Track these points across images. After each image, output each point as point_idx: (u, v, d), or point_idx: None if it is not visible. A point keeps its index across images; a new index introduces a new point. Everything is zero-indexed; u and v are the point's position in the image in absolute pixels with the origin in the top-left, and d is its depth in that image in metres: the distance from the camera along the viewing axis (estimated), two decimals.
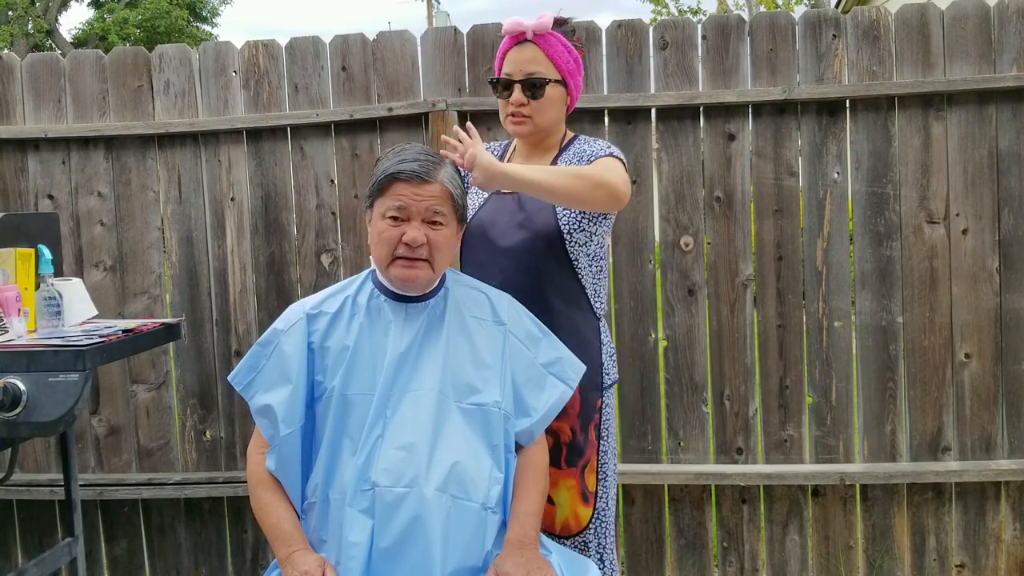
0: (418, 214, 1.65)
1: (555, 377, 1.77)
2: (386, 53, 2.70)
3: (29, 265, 2.16)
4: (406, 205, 1.64)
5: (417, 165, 1.66)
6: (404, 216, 1.65)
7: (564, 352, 1.80)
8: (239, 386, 1.72)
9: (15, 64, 2.79)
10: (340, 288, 1.77)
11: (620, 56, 2.64)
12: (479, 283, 1.82)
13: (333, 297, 1.74)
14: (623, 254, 2.67)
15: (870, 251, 2.61)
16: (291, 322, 1.71)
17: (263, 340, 1.73)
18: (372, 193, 1.70)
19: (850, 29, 2.58)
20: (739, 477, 2.62)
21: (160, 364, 2.81)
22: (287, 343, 1.69)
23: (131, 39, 18.40)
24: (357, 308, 1.71)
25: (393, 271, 1.67)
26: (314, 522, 1.66)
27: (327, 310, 1.71)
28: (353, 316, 1.70)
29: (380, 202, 1.68)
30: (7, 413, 1.79)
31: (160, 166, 2.78)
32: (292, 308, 1.76)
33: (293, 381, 1.66)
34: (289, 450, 1.66)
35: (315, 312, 1.71)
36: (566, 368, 1.79)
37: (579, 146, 1.98)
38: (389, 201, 1.66)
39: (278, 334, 1.71)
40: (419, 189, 1.65)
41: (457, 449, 1.62)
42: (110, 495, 2.79)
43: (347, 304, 1.72)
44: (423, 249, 1.64)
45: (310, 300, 1.75)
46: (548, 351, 1.78)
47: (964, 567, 2.65)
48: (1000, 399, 2.60)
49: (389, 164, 1.68)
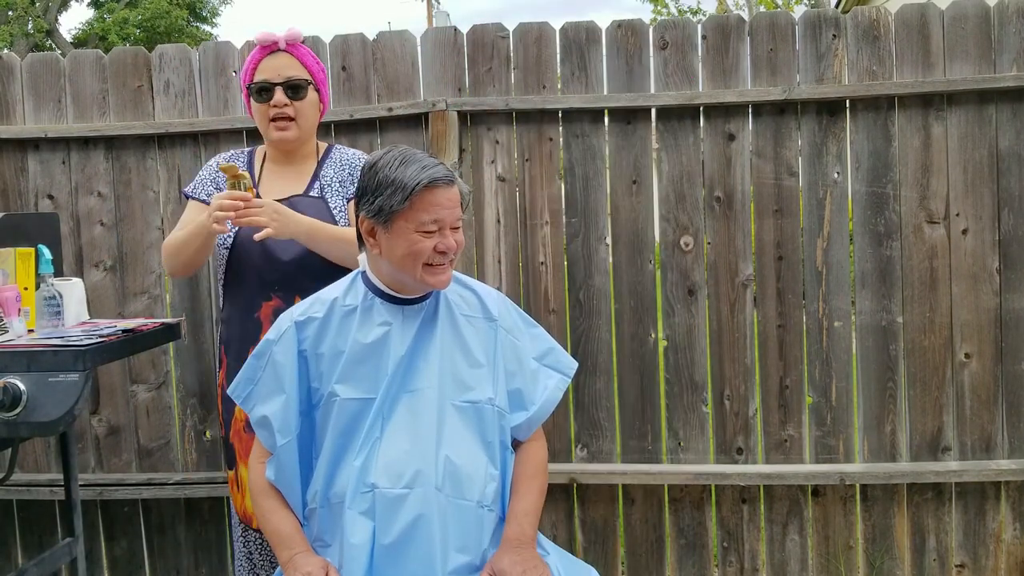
0: (449, 223, 1.63)
1: (549, 368, 1.77)
2: (386, 53, 2.70)
3: (29, 265, 2.16)
4: (441, 216, 1.61)
5: (442, 169, 1.62)
6: (440, 225, 1.62)
7: (554, 344, 1.81)
8: (238, 399, 1.71)
9: (15, 64, 2.79)
10: (327, 292, 1.75)
11: (620, 56, 2.64)
12: (469, 280, 1.82)
13: (320, 302, 1.72)
14: (623, 254, 2.67)
15: (870, 251, 2.61)
16: (281, 331, 1.69)
17: (257, 352, 1.72)
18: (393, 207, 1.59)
19: (850, 29, 2.58)
20: (739, 477, 2.62)
21: (160, 364, 2.81)
22: (279, 353, 1.67)
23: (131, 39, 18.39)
24: (349, 311, 1.69)
25: (428, 278, 1.64)
26: (316, 527, 1.66)
27: (315, 315, 1.69)
28: (344, 319, 1.68)
29: (409, 215, 1.59)
30: (7, 413, 1.79)
31: (160, 166, 2.78)
32: (281, 317, 1.74)
33: (286, 391, 1.65)
34: (287, 459, 1.65)
35: (303, 319, 1.69)
36: (559, 358, 1.80)
37: (338, 155, 2.15)
38: (426, 215, 1.59)
39: (270, 344, 1.69)
40: (450, 195, 1.62)
41: (452, 448, 1.62)
42: (110, 495, 2.79)
43: (336, 307, 1.70)
44: (451, 253, 1.65)
45: (297, 308, 1.73)
46: (539, 343, 1.79)
47: (964, 567, 2.65)
48: (1000, 399, 2.60)
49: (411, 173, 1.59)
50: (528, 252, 2.70)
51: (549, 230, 2.68)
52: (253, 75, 2.08)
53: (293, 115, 2.05)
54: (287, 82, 2.04)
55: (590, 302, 2.67)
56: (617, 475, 2.66)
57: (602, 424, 2.70)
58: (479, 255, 2.71)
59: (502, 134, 2.69)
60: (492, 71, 2.67)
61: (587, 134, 2.66)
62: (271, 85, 2.05)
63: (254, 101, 2.08)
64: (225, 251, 2.11)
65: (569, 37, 2.65)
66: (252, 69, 2.08)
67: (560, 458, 2.69)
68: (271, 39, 2.07)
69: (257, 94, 2.06)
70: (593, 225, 2.67)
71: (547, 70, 2.66)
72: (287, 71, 2.06)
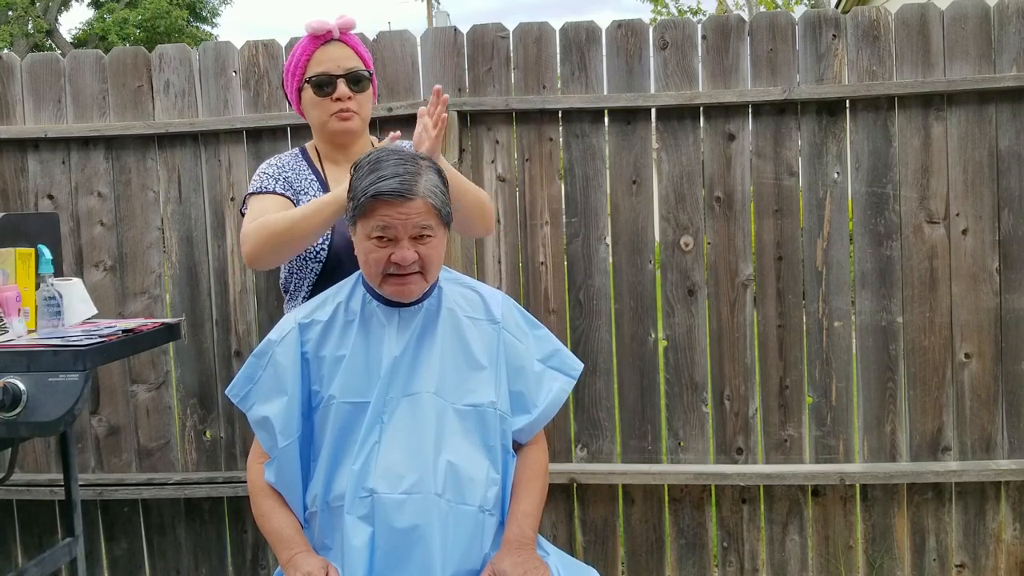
0: (404, 232, 1.58)
1: (554, 370, 1.75)
2: (386, 53, 2.70)
3: (29, 265, 2.16)
4: (391, 225, 1.57)
5: (396, 182, 1.56)
6: (391, 236, 1.58)
7: (560, 346, 1.79)
8: (236, 398, 1.70)
9: (15, 64, 2.79)
10: (331, 294, 1.74)
11: (620, 56, 2.64)
12: (472, 281, 1.81)
13: (324, 305, 1.72)
14: (623, 254, 2.67)
15: (870, 251, 2.61)
16: (284, 332, 1.69)
17: (258, 351, 1.71)
18: (353, 212, 1.61)
19: (850, 29, 2.58)
20: (739, 477, 2.62)
21: (160, 364, 2.81)
22: (281, 354, 1.67)
23: (131, 39, 18.39)
24: (351, 314, 1.69)
25: (386, 289, 1.63)
26: (317, 530, 1.66)
27: (319, 318, 1.69)
28: (347, 323, 1.68)
29: (363, 223, 1.59)
30: (7, 413, 1.79)
31: (160, 166, 2.77)
32: (285, 318, 1.74)
33: (288, 392, 1.65)
34: (288, 461, 1.65)
35: (307, 321, 1.69)
36: (564, 360, 1.77)
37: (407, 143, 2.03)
38: (373, 222, 1.57)
39: (272, 345, 1.69)
40: (403, 208, 1.56)
41: (454, 452, 1.61)
42: (110, 495, 2.78)
43: (340, 311, 1.70)
44: (415, 265, 1.61)
45: (302, 309, 1.73)
46: (544, 345, 1.77)
47: (964, 567, 2.65)
48: (1000, 399, 2.60)
49: (367, 183, 1.58)
50: (528, 252, 2.70)
51: (549, 230, 2.68)
52: (307, 67, 1.97)
53: (356, 108, 1.98)
54: (348, 73, 1.96)
55: (590, 302, 2.67)
56: (617, 475, 2.66)
57: (602, 424, 2.70)
58: (479, 255, 2.71)
59: (502, 134, 2.69)
60: (492, 71, 2.67)
61: (587, 134, 2.66)
62: (333, 77, 1.95)
63: (313, 95, 1.97)
64: (317, 265, 2.00)
65: (569, 37, 2.65)
66: (306, 61, 1.98)
67: (560, 458, 2.69)
68: (325, 27, 1.96)
69: (317, 87, 1.96)
70: (593, 225, 2.67)
71: (547, 70, 2.66)
72: (346, 62, 1.97)
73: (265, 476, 1.68)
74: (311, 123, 2.06)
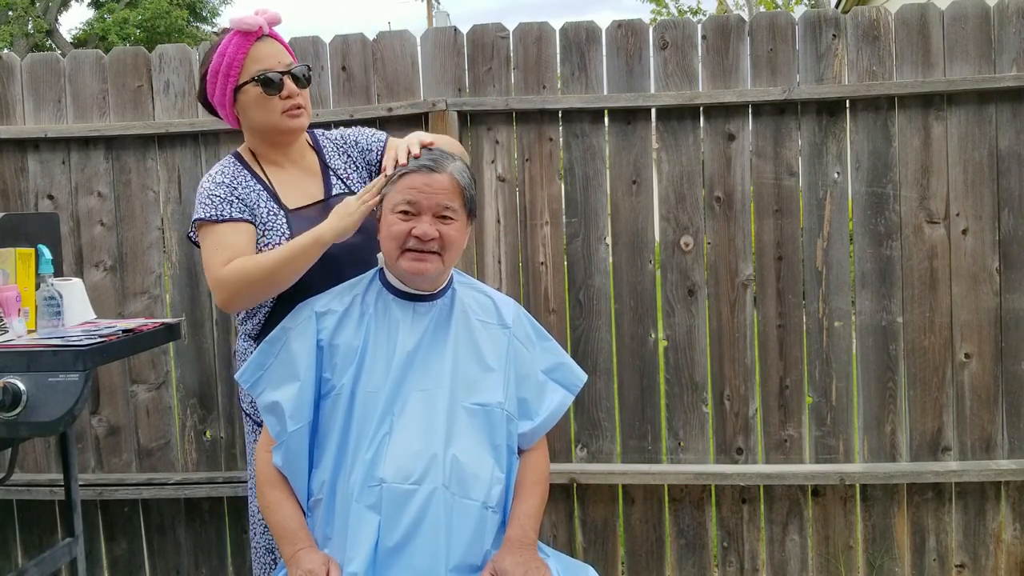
0: (429, 209, 1.65)
1: (556, 383, 1.79)
2: (386, 53, 2.70)
3: (29, 265, 2.16)
4: (416, 199, 1.64)
5: (427, 158, 1.66)
6: (415, 211, 1.65)
7: (565, 358, 1.82)
8: (247, 384, 1.73)
9: (15, 64, 2.79)
10: (349, 287, 1.77)
11: (620, 56, 2.64)
12: (485, 287, 1.84)
13: (342, 296, 1.75)
14: (623, 254, 2.67)
15: (870, 251, 2.61)
16: (300, 320, 1.72)
17: (271, 338, 1.74)
18: (385, 192, 1.69)
19: (850, 29, 2.58)
20: (739, 477, 2.62)
21: (160, 364, 2.81)
22: (295, 340, 1.69)
23: (131, 39, 18.38)
24: (366, 306, 1.72)
25: (402, 263, 1.66)
26: (320, 519, 1.67)
27: (336, 308, 1.72)
28: (363, 315, 1.71)
29: (389, 196, 1.68)
30: (7, 413, 1.79)
31: (160, 166, 2.77)
32: (300, 307, 1.76)
33: (301, 378, 1.67)
34: (296, 446, 1.66)
35: (324, 311, 1.72)
36: (567, 374, 1.81)
37: (324, 140, 2.01)
38: (399, 195, 1.66)
39: (286, 332, 1.72)
40: (429, 180, 1.65)
41: (461, 447, 1.62)
42: (110, 495, 2.78)
43: (356, 302, 1.73)
44: (434, 243, 1.65)
45: (319, 299, 1.75)
46: (550, 356, 1.80)
47: (964, 567, 2.65)
48: (1000, 399, 2.60)
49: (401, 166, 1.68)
50: (528, 252, 2.70)
51: (549, 230, 2.68)
52: (243, 66, 1.85)
53: (303, 104, 1.89)
54: (292, 69, 1.88)
55: (590, 302, 2.67)
56: (617, 475, 2.66)
57: (602, 424, 2.70)
58: (479, 255, 2.71)
59: (502, 134, 2.69)
60: (492, 71, 2.67)
61: (587, 134, 2.66)
62: (280, 74, 1.85)
63: (260, 94, 1.85)
64: None
65: (569, 37, 2.65)
66: (242, 60, 1.85)
67: (560, 458, 2.69)
68: (256, 23, 1.84)
69: (266, 85, 1.84)
70: (593, 225, 2.67)
71: (547, 70, 2.66)
72: (284, 58, 1.88)
73: (273, 460, 1.69)
74: (250, 125, 1.91)
